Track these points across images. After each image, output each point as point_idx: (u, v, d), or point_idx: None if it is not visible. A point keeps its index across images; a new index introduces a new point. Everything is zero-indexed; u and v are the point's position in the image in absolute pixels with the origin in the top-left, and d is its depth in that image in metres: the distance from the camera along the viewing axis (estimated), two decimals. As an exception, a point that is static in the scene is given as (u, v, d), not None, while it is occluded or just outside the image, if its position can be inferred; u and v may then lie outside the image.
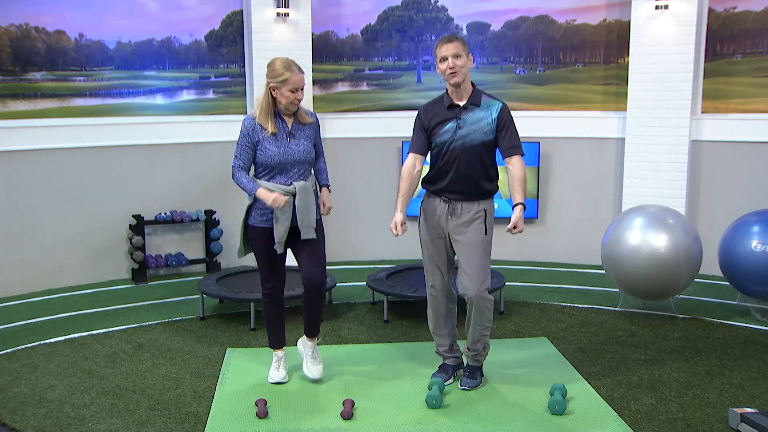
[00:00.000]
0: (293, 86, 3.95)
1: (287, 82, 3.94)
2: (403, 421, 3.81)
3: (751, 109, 6.47)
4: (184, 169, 6.82)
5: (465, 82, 3.95)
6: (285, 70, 3.95)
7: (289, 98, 3.97)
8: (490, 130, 3.95)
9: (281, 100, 3.99)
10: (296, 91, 3.97)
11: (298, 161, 4.05)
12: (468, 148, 3.94)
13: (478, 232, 4.00)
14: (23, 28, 6.16)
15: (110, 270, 6.61)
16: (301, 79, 3.98)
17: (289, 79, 3.94)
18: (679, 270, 5.15)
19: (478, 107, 3.96)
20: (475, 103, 3.96)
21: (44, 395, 4.16)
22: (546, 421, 3.81)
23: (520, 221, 3.89)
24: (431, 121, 4.02)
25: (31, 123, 6.22)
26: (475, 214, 3.99)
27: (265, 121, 4.01)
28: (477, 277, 4.00)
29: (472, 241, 3.99)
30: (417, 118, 4.09)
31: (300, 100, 4.01)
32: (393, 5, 7.19)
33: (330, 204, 4.30)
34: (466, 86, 3.97)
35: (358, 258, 7.26)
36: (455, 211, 4.01)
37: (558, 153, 7.08)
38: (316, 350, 4.33)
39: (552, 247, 7.14)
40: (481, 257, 4.01)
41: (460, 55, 3.89)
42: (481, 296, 4.02)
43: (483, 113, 3.96)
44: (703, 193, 6.68)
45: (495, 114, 3.95)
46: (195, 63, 6.86)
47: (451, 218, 4.02)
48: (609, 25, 6.87)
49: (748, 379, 4.32)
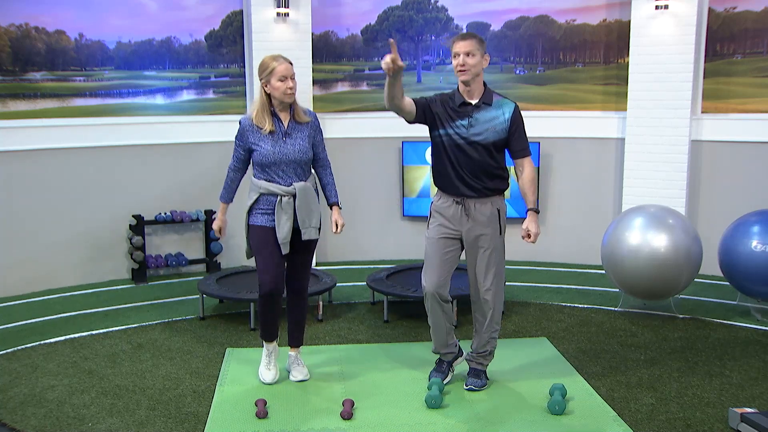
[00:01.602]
0: (281, 75, 3.95)
1: (274, 72, 3.95)
2: (402, 421, 3.81)
3: (751, 109, 6.47)
4: (184, 169, 6.81)
5: (476, 81, 3.94)
6: (271, 61, 3.98)
7: (280, 88, 3.96)
8: (502, 129, 3.95)
9: (275, 93, 3.98)
10: (285, 80, 3.96)
11: (294, 161, 4.04)
12: (480, 147, 3.93)
13: (494, 233, 4.02)
14: (23, 28, 6.16)
15: (110, 270, 6.61)
16: (287, 67, 3.97)
17: (276, 68, 3.95)
18: (679, 270, 5.15)
19: (489, 106, 3.96)
20: (487, 102, 3.96)
21: (44, 395, 4.16)
22: (546, 421, 3.81)
23: (533, 225, 3.95)
24: (440, 113, 3.97)
25: (31, 123, 6.22)
26: (491, 215, 4.00)
27: (262, 119, 4.01)
28: (495, 278, 4.05)
29: (490, 242, 4.01)
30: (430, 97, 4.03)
31: (292, 89, 3.98)
32: (393, 5, 7.19)
33: (342, 221, 4.26)
34: (478, 85, 3.96)
35: (358, 258, 7.26)
36: (470, 212, 4.00)
37: (558, 153, 7.08)
38: (299, 359, 4.36)
39: (552, 247, 7.14)
40: (498, 258, 4.05)
41: (473, 53, 3.87)
42: (497, 297, 4.08)
43: (495, 112, 3.95)
44: (703, 193, 6.68)
45: (509, 114, 3.96)
46: (195, 63, 6.86)
47: (468, 220, 4.01)
48: (609, 25, 6.87)
49: (748, 379, 4.32)
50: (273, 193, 4.03)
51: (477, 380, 4.17)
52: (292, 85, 3.99)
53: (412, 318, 5.41)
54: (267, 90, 4.00)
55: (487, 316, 4.10)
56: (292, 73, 3.99)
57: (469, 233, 4.02)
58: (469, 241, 4.04)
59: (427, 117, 3.99)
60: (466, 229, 4.02)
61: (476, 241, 4.02)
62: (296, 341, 4.35)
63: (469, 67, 3.88)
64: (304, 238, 4.08)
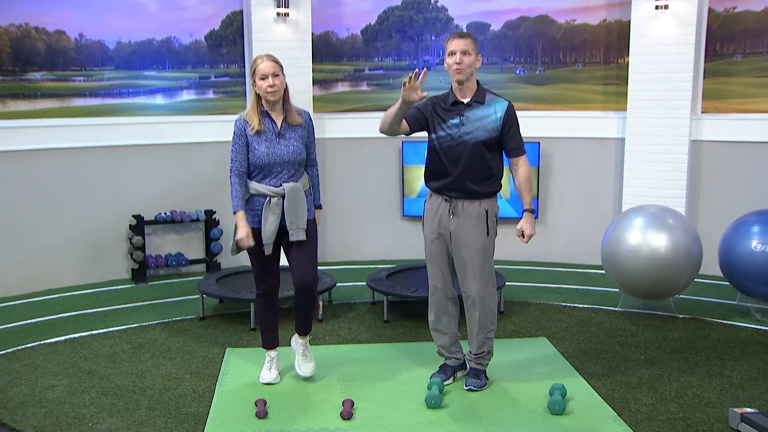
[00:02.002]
0: (261, 73, 3.93)
1: (256, 71, 3.95)
2: (402, 421, 3.81)
3: (751, 109, 6.47)
4: (184, 169, 6.81)
5: (470, 80, 3.95)
6: (256, 60, 3.98)
7: (262, 86, 3.94)
8: (494, 128, 3.94)
9: (259, 92, 3.97)
10: (266, 78, 3.93)
11: (288, 162, 4.02)
12: (471, 146, 3.93)
13: (480, 233, 3.99)
14: (23, 28, 6.16)
15: (110, 270, 6.61)
16: (267, 65, 3.93)
17: (257, 67, 3.94)
18: (679, 270, 5.15)
19: (482, 105, 3.95)
20: (479, 101, 3.96)
21: (44, 395, 4.16)
22: (545, 421, 3.80)
23: (527, 226, 3.96)
24: (432, 115, 4.00)
25: (31, 123, 6.22)
26: (477, 215, 3.99)
27: (252, 118, 3.99)
28: (481, 279, 4.01)
29: (474, 242, 3.99)
30: (422, 103, 4.04)
31: (272, 86, 3.92)
32: (393, 5, 7.19)
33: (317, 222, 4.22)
34: (471, 84, 3.97)
35: (358, 258, 7.26)
36: (456, 211, 4.00)
37: (558, 153, 7.08)
38: (307, 348, 4.34)
39: (552, 247, 7.14)
40: (483, 259, 4.01)
41: (468, 52, 3.88)
42: (484, 298, 4.04)
43: (487, 110, 3.95)
44: (703, 193, 6.68)
45: (501, 113, 3.94)
46: (195, 63, 6.86)
47: (453, 218, 4.01)
48: (609, 25, 6.87)
49: (748, 379, 4.32)
50: (262, 194, 4.02)
51: (477, 380, 4.16)
52: (272, 83, 3.92)
53: (412, 318, 5.41)
54: (255, 90, 4.00)
55: (478, 317, 4.08)
56: (273, 71, 3.93)
57: (455, 232, 4.02)
58: (456, 240, 4.03)
59: (422, 124, 4.03)
60: (453, 227, 4.01)
61: (462, 240, 4.01)
62: (303, 329, 4.29)
63: (465, 66, 3.89)
64: (292, 239, 4.05)
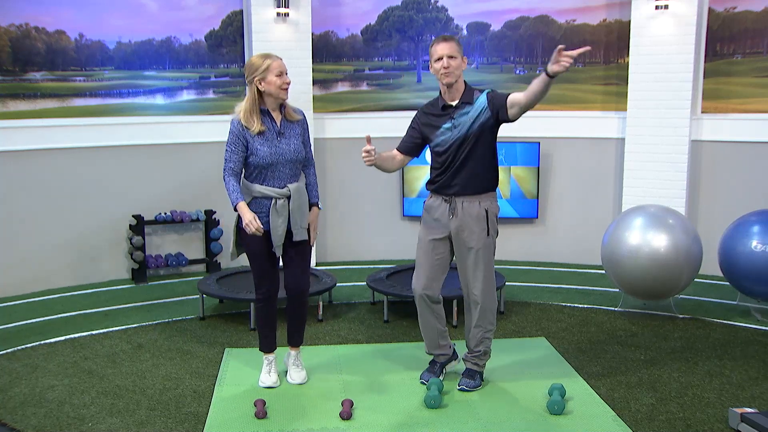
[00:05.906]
0: (278, 70, 3.93)
1: (270, 68, 3.93)
2: (402, 421, 3.81)
3: (751, 109, 6.47)
4: (184, 169, 6.82)
5: (458, 82, 3.97)
6: (264, 59, 3.96)
7: (278, 83, 3.94)
8: (482, 110, 3.92)
9: (270, 89, 3.94)
10: (282, 75, 3.94)
11: (290, 161, 4.01)
12: (466, 142, 3.94)
13: (481, 233, 4.00)
14: (23, 28, 6.16)
15: (110, 270, 6.62)
16: (281, 63, 3.97)
17: (272, 64, 3.93)
18: (679, 270, 5.15)
19: (470, 105, 3.96)
20: (467, 102, 3.97)
21: (44, 395, 4.16)
22: (545, 421, 3.80)
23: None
24: (425, 127, 4.05)
25: (31, 123, 6.22)
26: (478, 215, 4.00)
27: (250, 120, 3.94)
28: (481, 279, 4.03)
29: (475, 242, 4.00)
30: (413, 119, 4.13)
31: (288, 83, 3.97)
32: (393, 5, 7.19)
33: (316, 228, 4.21)
34: (459, 86, 3.98)
35: (358, 258, 7.26)
36: (456, 211, 4.01)
37: (558, 153, 7.08)
38: (299, 358, 4.34)
39: (552, 247, 7.14)
40: (484, 259, 4.02)
41: (455, 56, 3.90)
42: (484, 298, 4.06)
43: (474, 107, 3.96)
44: (703, 193, 6.68)
45: (483, 97, 3.94)
46: (195, 63, 6.86)
47: (453, 218, 4.02)
48: (609, 25, 6.87)
49: (748, 379, 4.32)
50: (267, 196, 4.00)
51: (470, 381, 4.17)
52: (288, 81, 3.98)
53: (412, 318, 5.40)
54: (261, 87, 3.95)
55: (476, 315, 4.09)
56: (286, 69, 3.99)
57: (456, 232, 4.03)
58: (457, 240, 4.04)
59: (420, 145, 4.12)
60: (454, 227, 4.02)
61: (463, 240, 4.02)
62: (296, 341, 4.33)
63: (452, 69, 3.90)
64: (295, 239, 4.06)
